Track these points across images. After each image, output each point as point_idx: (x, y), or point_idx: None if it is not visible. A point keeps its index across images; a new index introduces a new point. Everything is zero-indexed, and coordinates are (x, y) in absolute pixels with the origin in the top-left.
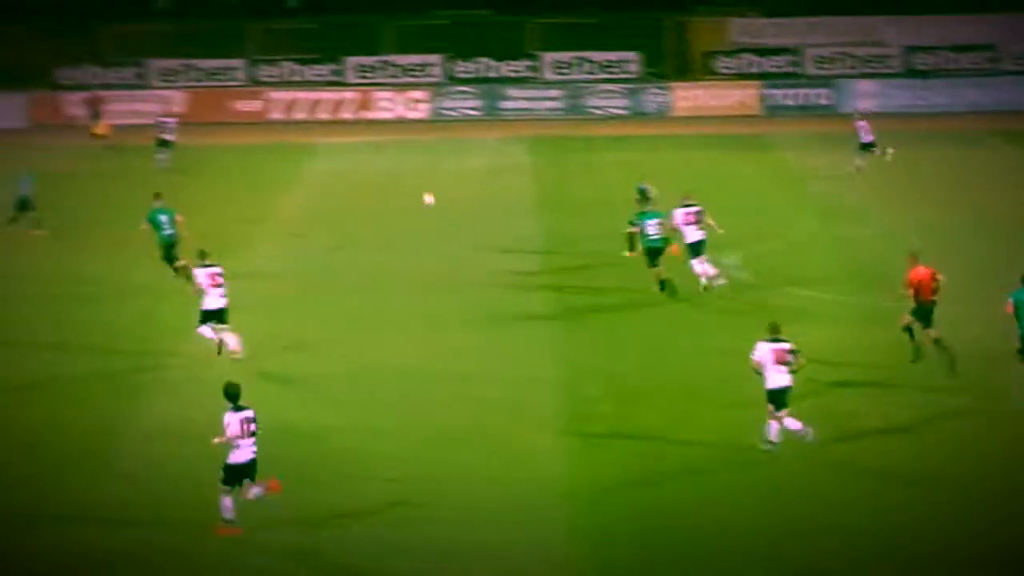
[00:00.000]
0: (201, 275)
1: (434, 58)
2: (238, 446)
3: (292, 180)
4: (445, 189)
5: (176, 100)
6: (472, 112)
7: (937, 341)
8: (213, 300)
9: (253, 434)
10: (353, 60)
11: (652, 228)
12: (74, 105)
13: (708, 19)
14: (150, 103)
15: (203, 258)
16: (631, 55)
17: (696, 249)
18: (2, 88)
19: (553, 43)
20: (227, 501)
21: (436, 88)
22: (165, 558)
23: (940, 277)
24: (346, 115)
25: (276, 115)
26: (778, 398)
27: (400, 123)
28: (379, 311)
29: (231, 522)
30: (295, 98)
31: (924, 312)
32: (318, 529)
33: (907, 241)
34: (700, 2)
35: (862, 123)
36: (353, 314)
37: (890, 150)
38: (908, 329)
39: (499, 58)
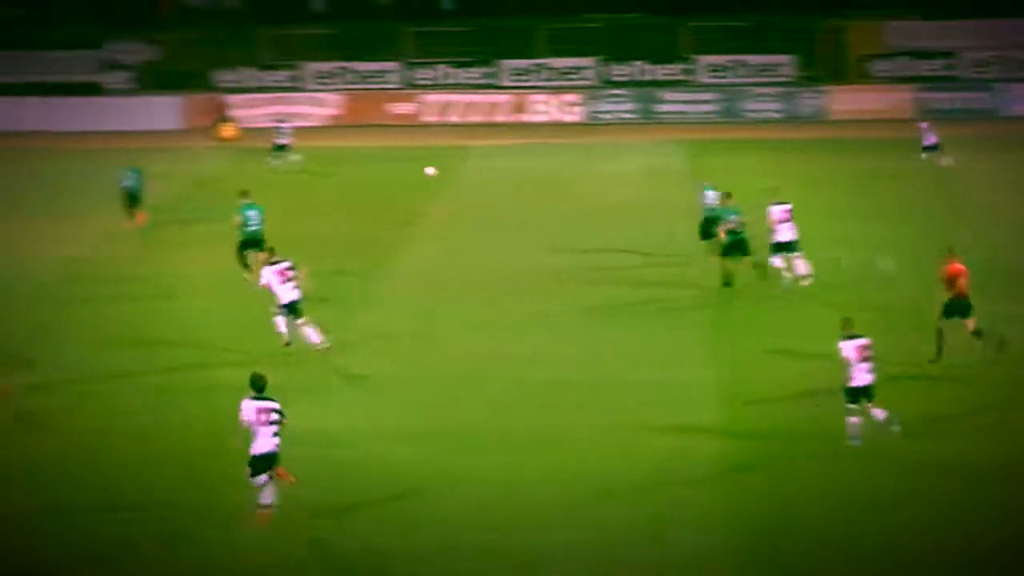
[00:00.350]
0: (268, 272)
1: (588, 61)
2: (256, 435)
3: (445, 183)
4: (599, 192)
5: (332, 103)
6: (626, 115)
7: (978, 332)
8: (286, 294)
9: (273, 423)
10: (507, 63)
11: (730, 224)
12: (231, 107)
13: (864, 22)
14: (305, 105)
15: (271, 255)
16: (786, 58)
17: (789, 247)
18: (160, 90)
19: (707, 46)
20: (261, 489)
21: (590, 91)
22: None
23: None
24: (500, 118)
25: (430, 118)
26: (861, 394)
27: (554, 126)
28: (530, 313)
29: (267, 506)
30: (449, 101)
31: (961, 307)
32: (420, 531)
33: None
34: (856, 5)
35: (924, 125)
36: (499, 316)
37: (948, 158)
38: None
39: (653, 61)
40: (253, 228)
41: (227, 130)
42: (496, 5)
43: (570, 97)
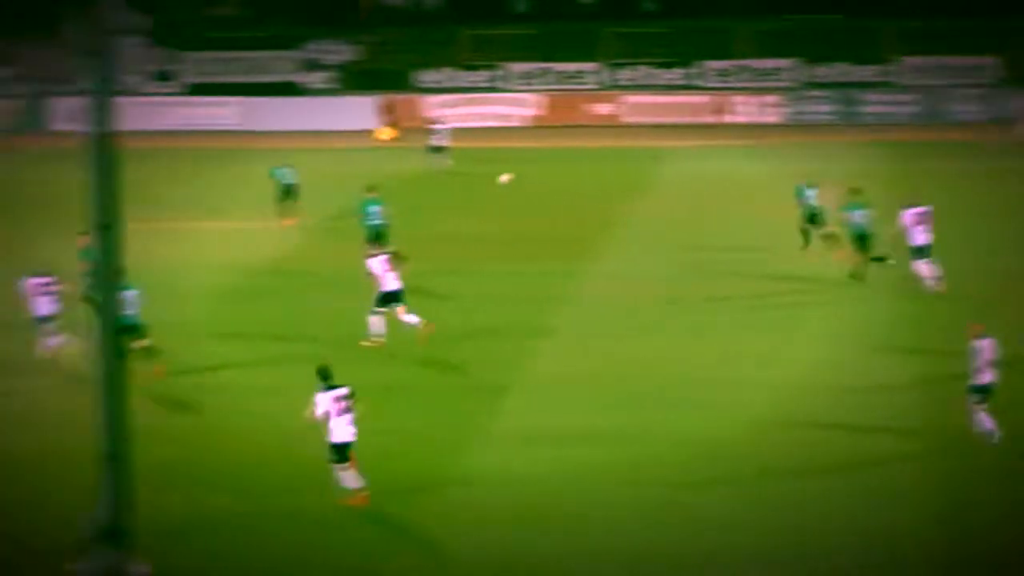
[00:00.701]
0: (375, 263)
1: (788, 62)
2: (334, 424)
3: (644, 184)
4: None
5: (531, 103)
6: (827, 116)
7: None
8: (389, 283)
9: (348, 411)
10: (708, 64)
11: (858, 219)
12: (431, 108)
13: None
14: (504, 106)
15: (377, 247)
16: (989, 60)
17: (921, 251)
18: (360, 90)
19: (910, 47)
20: (343, 475)
21: (790, 92)
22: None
23: None
24: (700, 119)
25: (630, 119)
26: (986, 391)
27: (754, 127)
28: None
29: (356, 490)
30: (649, 102)
31: None
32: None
33: None
34: None
35: None
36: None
37: None
38: None
39: (855, 62)
40: (376, 223)
41: (384, 132)
42: (697, 6)
43: (770, 98)
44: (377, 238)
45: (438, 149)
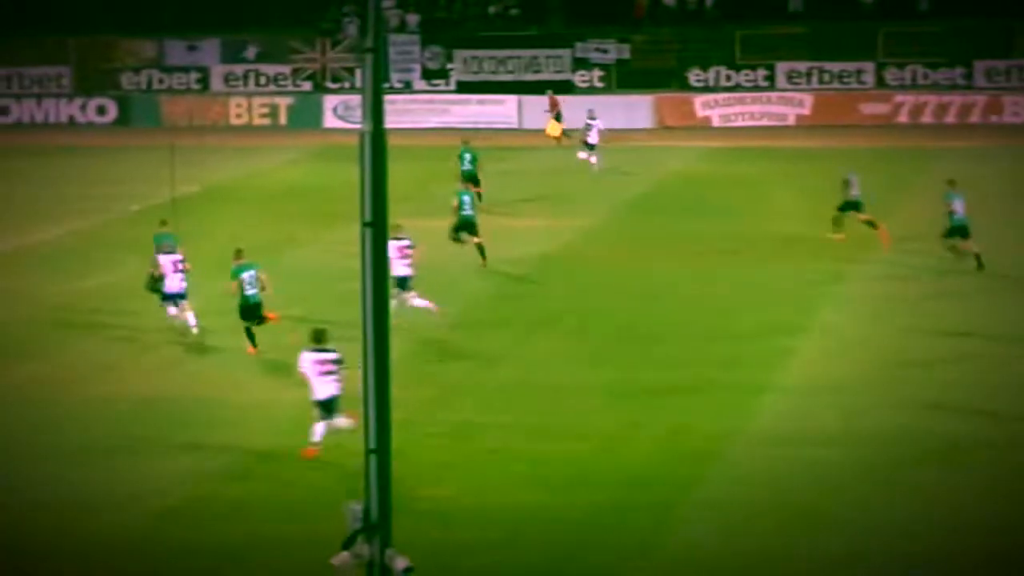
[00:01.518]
0: (391, 248)
1: None
2: (316, 383)
3: (916, 184)
4: None
5: (803, 102)
6: None
7: None
8: (399, 269)
9: (329, 373)
10: (982, 64)
11: (957, 206)
12: (704, 107)
13: None
14: (776, 105)
15: (396, 231)
16: None
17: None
18: (632, 89)
19: None
20: (317, 427)
21: None
22: None
23: None
24: (972, 119)
25: (902, 119)
26: None
27: None
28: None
29: (315, 444)
30: (922, 102)
31: None
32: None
33: None
34: None
35: None
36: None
37: None
38: None
39: None
40: (467, 212)
41: (553, 128)
42: (973, 5)
43: None
44: (467, 227)
45: (590, 146)
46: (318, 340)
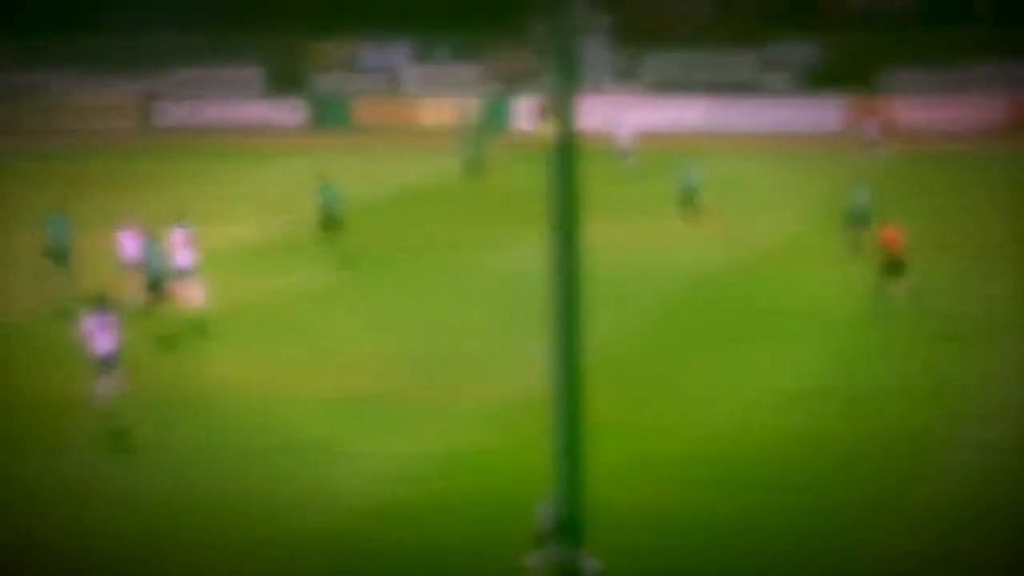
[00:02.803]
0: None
1: None
2: (95, 340)
3: None
4: None
5: (994, 106)
6: None
7: None
8: None
9: (108, 328)
10: None
11: None
12: (898, 110)
13: None
14: (967, 109)
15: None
16: None
17: None
18: (821, 91)
19: None
20: (96, 386)
21: None
22: None
23: None
24: None
25: None
26: None
27: None
28: None
29: (101, 397)
30: None
31: None
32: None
33: None
34: None
35: None
36: None
37: None
38: None
39: None
40: None
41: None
42: None
43: None
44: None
45: (623, 153)
46: (100, 303)
